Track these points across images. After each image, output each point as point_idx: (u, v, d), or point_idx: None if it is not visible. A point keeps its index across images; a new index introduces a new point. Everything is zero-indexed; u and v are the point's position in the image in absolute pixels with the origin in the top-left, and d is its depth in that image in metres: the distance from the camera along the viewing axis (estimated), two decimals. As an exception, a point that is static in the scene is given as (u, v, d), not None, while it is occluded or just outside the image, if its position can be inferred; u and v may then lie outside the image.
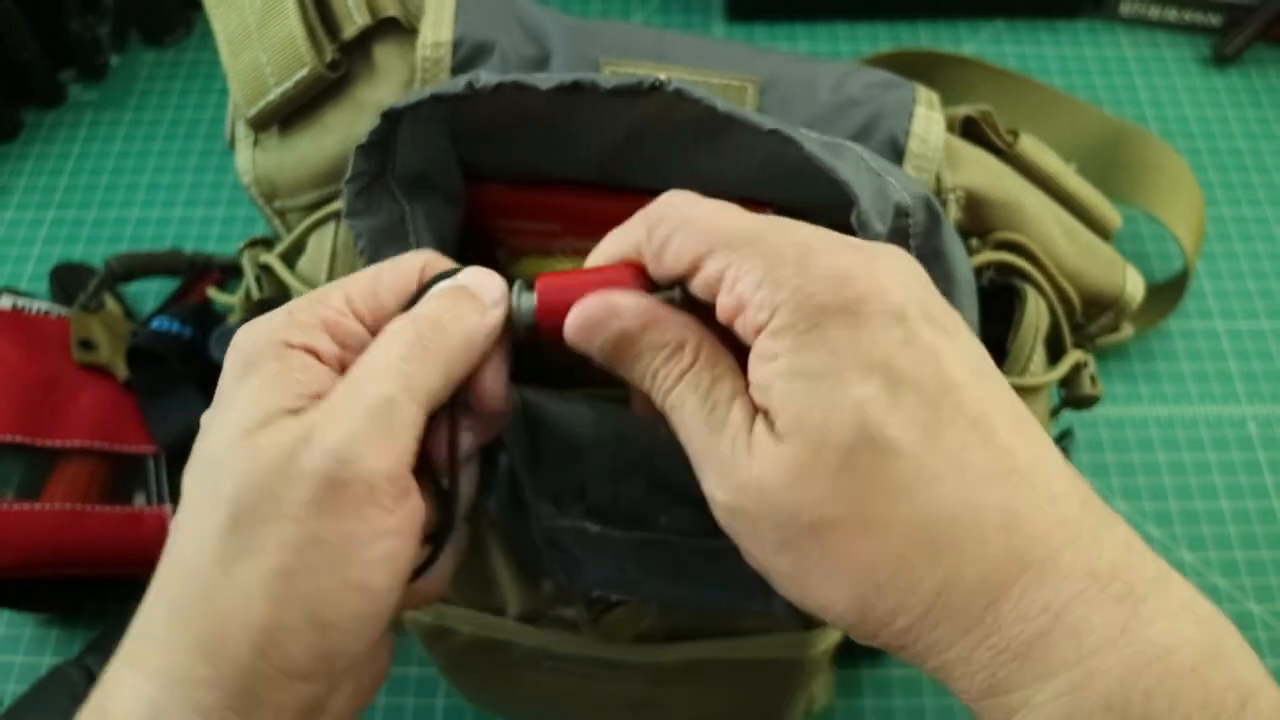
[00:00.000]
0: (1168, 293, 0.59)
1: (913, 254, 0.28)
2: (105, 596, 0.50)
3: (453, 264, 0.27)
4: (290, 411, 0.23)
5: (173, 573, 0.23)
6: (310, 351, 0.24)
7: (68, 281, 0.58)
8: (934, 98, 0.35)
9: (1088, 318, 0.38)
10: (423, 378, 0.24)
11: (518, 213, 0.34)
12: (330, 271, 0.35)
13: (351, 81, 0.35)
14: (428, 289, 0.26)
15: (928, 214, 0.28)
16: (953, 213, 0.35)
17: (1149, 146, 0.58)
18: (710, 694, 0.38)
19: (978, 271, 0.35)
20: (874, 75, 0.35)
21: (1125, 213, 0.63)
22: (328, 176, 0.35)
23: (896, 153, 0.34)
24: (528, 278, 0.27)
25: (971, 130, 0.37)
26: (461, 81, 0.28)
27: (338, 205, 0.34)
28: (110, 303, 0.55)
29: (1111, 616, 0.20)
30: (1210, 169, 0.66)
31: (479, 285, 0.26)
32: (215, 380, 0.25)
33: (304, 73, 0.34)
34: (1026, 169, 0.37)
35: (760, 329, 0.22)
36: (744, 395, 0.23)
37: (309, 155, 0.35)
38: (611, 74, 0.33)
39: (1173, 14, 0.71)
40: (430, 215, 0.31)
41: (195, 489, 0.24)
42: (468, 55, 0.34)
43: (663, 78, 0.27)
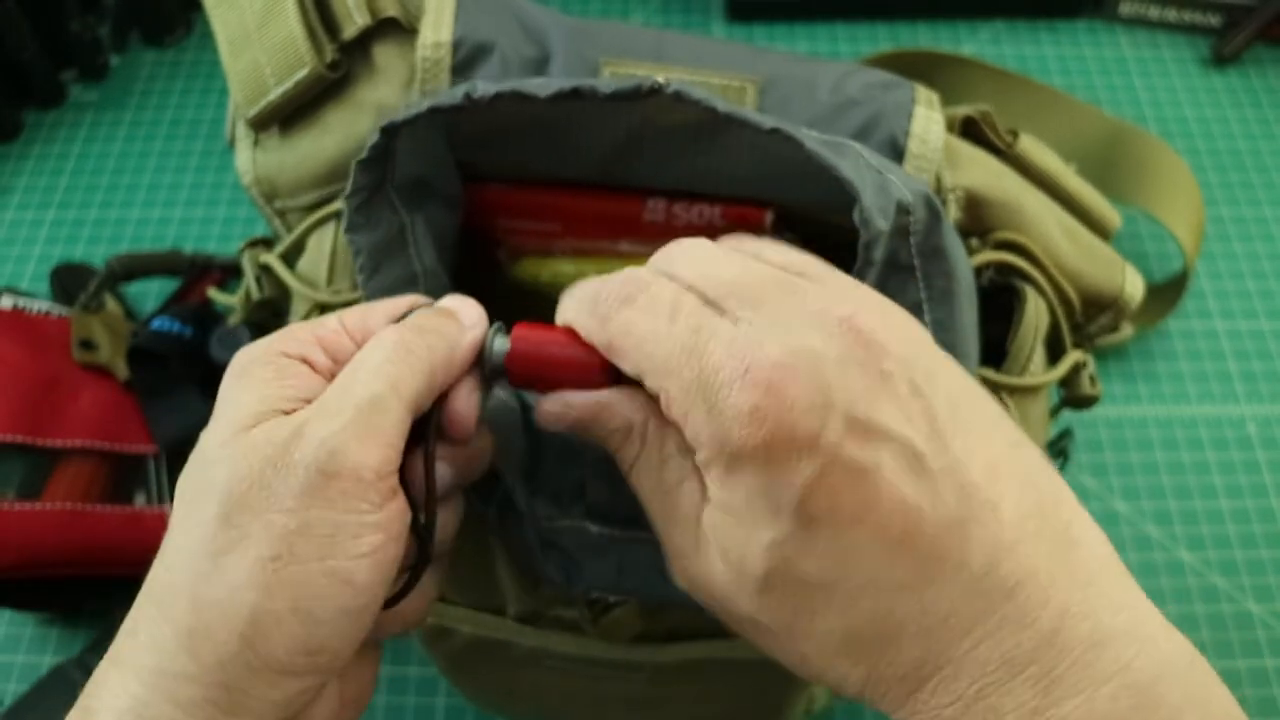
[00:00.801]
0: (1167, 293, 0.59)
1: (914, 252, 0.28)
2: (106, 596, 0.50)
3: (425, 302, 0.28)
4: (283, 412, 0.24)
5: (160, 569, 0.24)
6: (304, 361, 0.25)
7: (68, 282, 0.58)
8: (934, 98, 0.35)
9: (1087, 318, 0.38)
10: (407, 378, 0.25)
11: (518, 213, 0.35)
12: (330, 271, 0.35)
13: (352, 82, 0.35)
14: (417, 307, 0.27)
15: (928, 212, 0.28)
16: (952, 213, 0.35)
17: (1148, 147, 0.58)
18: (710, 694, 0.38)
19: (977, 271, 0.35)
20: (873, 75, 0.35)
21: (1125, 213, 0.63)
22: (328, 176, 0.35)
23: (896, 153, 0.34)
24: (504, 325, 0.27)
25: (971, 130, 0.37)
26: (459, 92, 0.28)
27: (338, 205, 0.34)
28: (111, 303, 0.55)
29: (1022, 700, 0.21)
30: (1209, 169, 0.66)
31: (459, 308, 0.27)
32: (215, 380, 0.26)
33: (304, 73, 0.34)
34: (1026, 169, 0.37)
35: (705, 465, 0.23)
36: (693, 477, 0.24)
37: (309, 155, 0.35)
38: (611, 75, 0.33)
39: (1172, 14, 0.71)
40: (430, 222, 0.31)
41: (188, 487, 0.24)
42: (468, 56, 0.34)
43: (661, 80, 0.27)
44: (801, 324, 0.23)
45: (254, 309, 0.38)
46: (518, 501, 0.30)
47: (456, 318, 0.27)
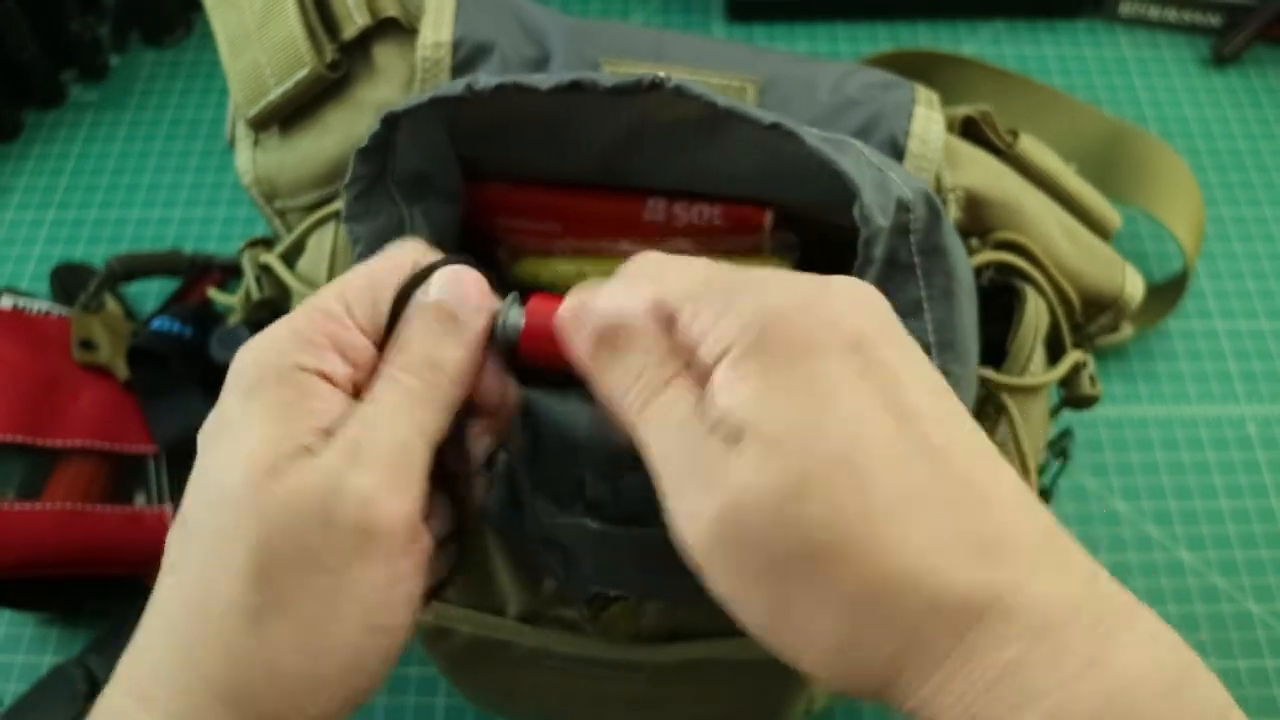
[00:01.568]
0: (1167, 293, 0.59)
1: (914, 250, 0.28)
2: (106, 596, 0.50)
3: (438, 255, 0.26)
4: (307, 449, 0.23)
5: (182, 611, 0.23)
6: (322, 375, 0.24)
7: (68, 282, 0.58)
8: (933, 98, 0.35)
9: (1087, 318, 0.38)
10: (430, 420, 0.24)
11: (518, 212, 0.35)
12: (330, 271, 0.35)
13: (352, 82, 0.35)
14: (411, 291, 0.25)
15: (928, 210, 0.28)
16: (952, 213, 0.35)
17: (1148, 147, 0.59)
18: (710, 694, 0.38)
19: (977, 271, 0.35)
20: (873, 75, 0.35)
21: (1125, 213, 0.63)
22: (328, 176, 0.35)
23: (896, 153, 0.34)
24: (523, 289, 0.27)
25: (971, 130, 0.37)
26: (461, 84, 0.28)
27: (338, 205, 0.34)
28: (111, 303, 0.55)
29: (1084, 646, 0.20)
30: (1210, 169, 0.66)
31: (456, 300, 0.25)
32: (216, 380, 0.25)
33: (304, 73, 0.34)
34: (1026, 169, 0.37)
35: (720, 358, 0.22)
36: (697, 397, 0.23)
37: (309, 155, 0.35)
38: (611, 74, 0.33)
39: (1172, 14, 0.71)
40: (429, 216, 0.31)
41: (209, 526, 0.23)
42: (468, 56, 0.34)
43: (662, 75, 0.27)
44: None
45: (254, 309, 0.38)
46: (520, 494, 0.29)
47: (458, 319, 0.25)
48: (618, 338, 0.24)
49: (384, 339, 0.25)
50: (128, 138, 0.68)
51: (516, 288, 0.35)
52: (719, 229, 0.33)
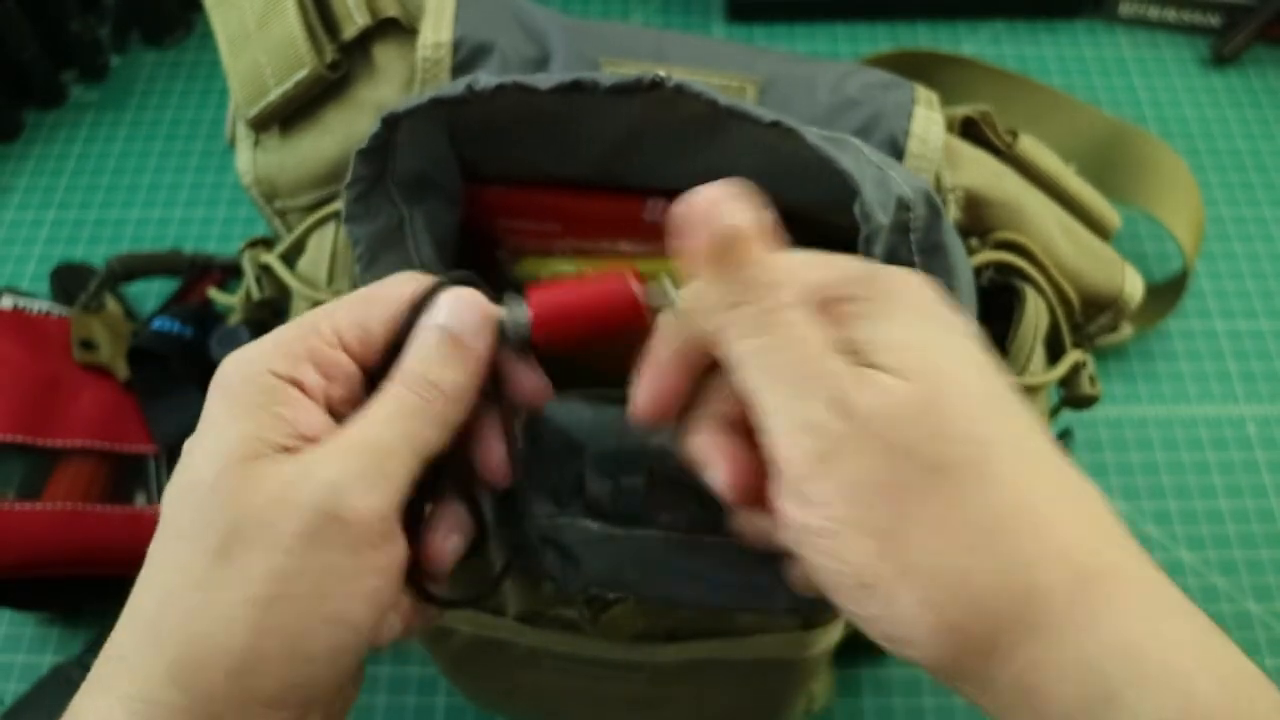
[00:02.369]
0: (1167, 293, 0.59)
1: (914, 248, 0.28)
2: (106, 596, 0.49)
3: (436, 279, 0.26)
4: (286, 448, 0.24)
5: (150, 596, 0.23)
6: (295, 383, 0.24)
7: (69, 282, 0.58)
8: (933, 98, 0.35)
9: (1087, 318, 0.38)
10: (420, 432, 0.25)
11: (518, 213, 0.34)
12: (330, 271, 0.35)
13: (352, 82, 0.35)
14: (416, 317, 0.26)
15: (928, 208, 0.28)
16: (952, 213, 0.35)
17: (1148, 147, 0.59)
18: (710, 693, 0.38)
19: (977, 271, 0.35)
20: (873, 75, 0.35)
21: (1124, 213, 0.63)
22: (328, 177, 0.35)
23: (896, 153, 0.34)
24: (522, 284, 0.27)
25: (971, 130, 0.37)
26: (461, 84, 0.28)
27: (338, 205, 0.34)
28: (111, 303, 0.55)
29: (1191, 632, 0.20)
30: (1209, 169, 0.66)
31: (461, 325, 0.25)
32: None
33: (304, 73, 0.34)
34: (1026, 169, 0.37)
35: (848, 300, 0.23)
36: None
37: (309, 155, 0.35)
38: (611, 74, 0.33)
39: (1172, 14, 0.71)
40: (429, 217, 0.31)
41: (181, 512, 0.23)
42: (468, 56, 0.34)
43: (662, 74, 0.27)
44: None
45: (254, 309, 0.38)
46: (518, 497, 0.29)
47: (463, 342, 0.25)
48: (744, 250, 0.23)
49: (386, 361, 0.25)
50: (128, 138, 0.68)
51: (517, 288, 0.35)
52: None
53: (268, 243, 0.38)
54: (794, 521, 0.22)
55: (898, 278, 0.23)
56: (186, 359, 0.51)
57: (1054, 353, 0.37)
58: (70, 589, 0.49)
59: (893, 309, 0.22)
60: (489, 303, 0.26)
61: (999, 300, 0.35)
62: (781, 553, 0.25)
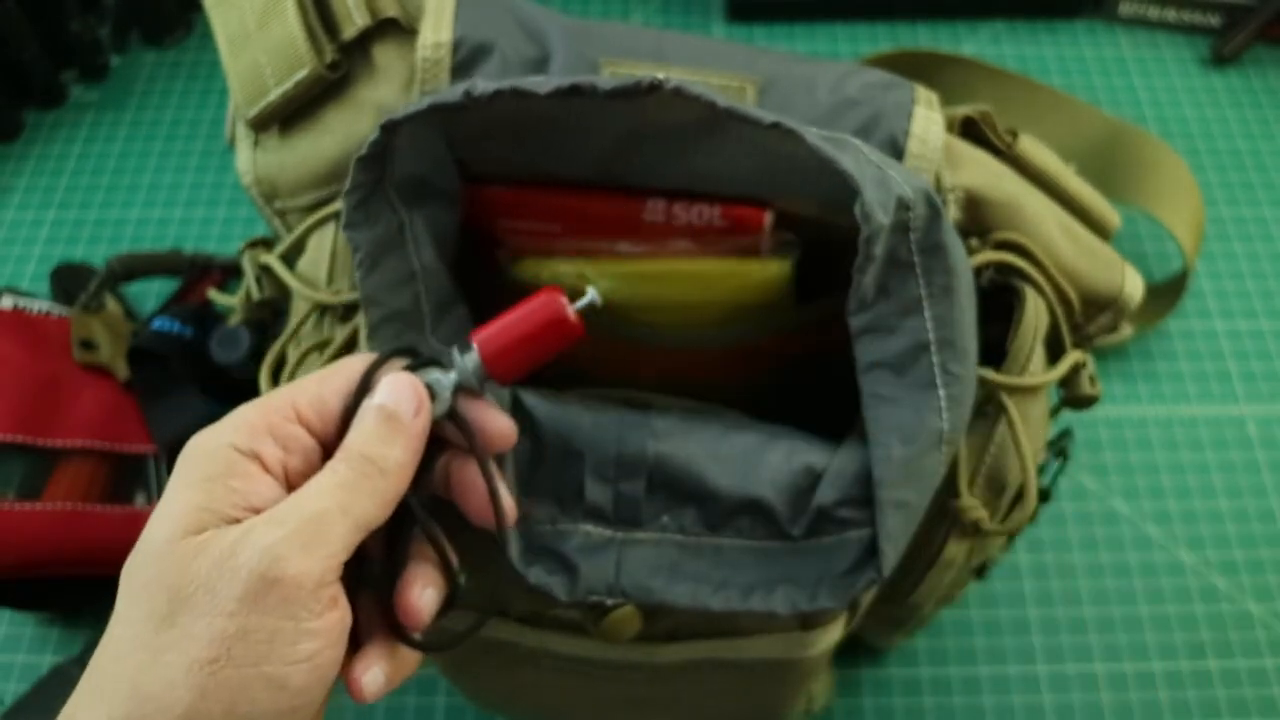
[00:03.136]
0: (1167, 293, 0.59)
1: (914, 248, 0.28)
2: (106, 596, 0.49)
3: (375, 358, 0.28)
4: (233, 520, 0.25)
5: (105, 655, 0.24)
6: (254, 457, 0.26)
7: (69, 282, 0.58)
8: (933, 98, 0.35)
9: (1087, 318, 0.38)
10: (358, 503, 0.26)
11: (518, 213, 0.34)
12: (330, 272, 0.35)
13: (351, 82, 0.35)
14: (361, 395, 0.27)
15: (928, 208, 0.28)
16: (952, 213, 0.35)
17: (1148, 147, 0.59)
18: (709, 694, 0.38)
19: (977, 271, 0.35)
20: (873, 75, 0.35)
21: (1124, 213, 0.63)
22: (328, 177, 0.35)
23: (896, 153, 0.34)
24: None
25: (971, 130, 0.37)
26: (460, 90, 0.28)
27: (338, 205, 0.34)
28: (111, 303, 0.55)
29: None
30: (1209, 169, 0.66)
31: (398, 404, 0.27)
32: (215, 380, 0.26)
33: (304, 73, 0.34)
34: (1026, 169, 0.37)
35: None
36: None
37: (309, 156, 0.35)
38: (611, 75, 0.33)
39: (1172, 14, 0.71)
40: (429, 221, 0.31)
41: (135, 577, 0.25)
42: (467, 56, 0.34)
43: (661, 76, 0.27)
44: None
45: (254, 309, 0.38)
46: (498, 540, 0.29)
47: (400, 420, 0.27)
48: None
49: (339, 435, 0.27)
50: (128, 138, 0.68)
51: (516, 288, 0.35)
52: (719, 229, 0.33)
53: (268, 243, 0.38)
54: None
55: None
56: (186, 359, 0.51)
57: (1054, 353, 0.37)
58: (70, 589, 0.49)
59: None
60: (424, 388, 0.28)
61: (999, 300, 0.35)
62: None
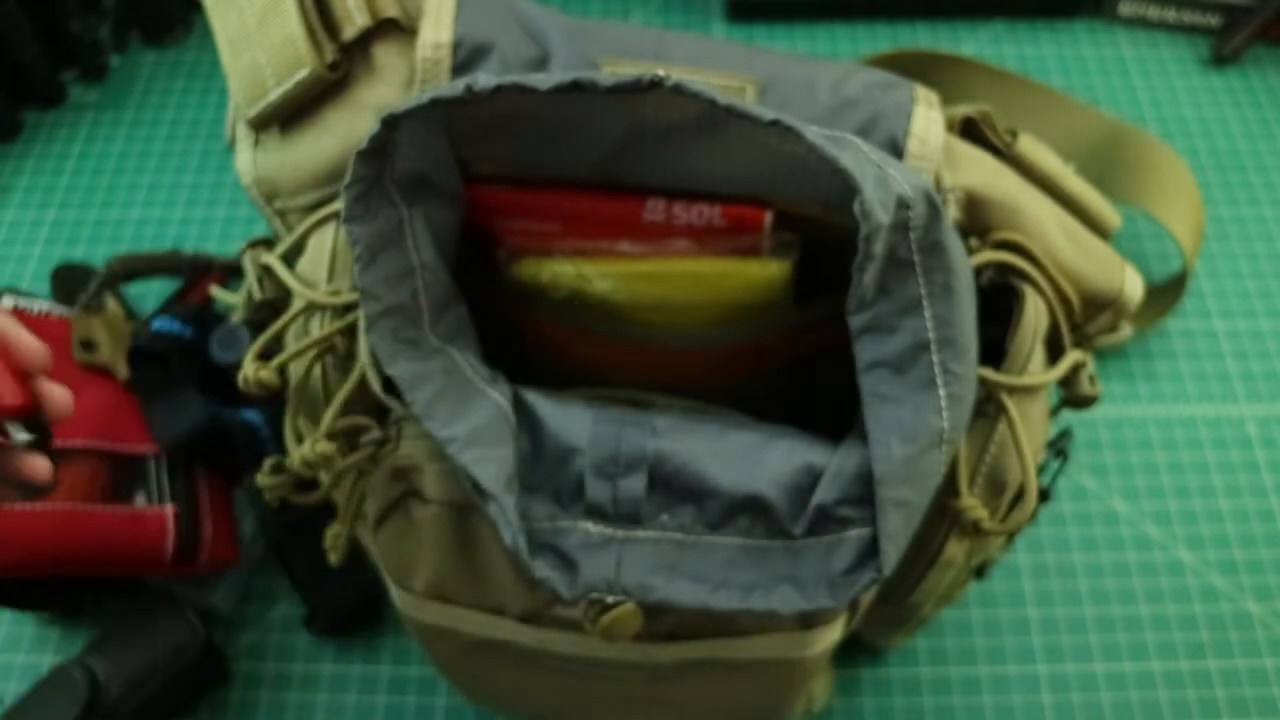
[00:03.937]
0: (1166, 293, 0.59)
1: (913, 247, 0.28)
2: (106, 596, 0.50)
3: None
4: None
5: None
6: None
7: (69, 282, 0.58)
8: (933, 98, 0.35)
9: (1086, 318, 0.38)
10: None
11: (518, 213, 0.34)
12: (330, 272, 0.35)
13: (352, 82, 0.35)
14: None
15: (928, 207, 0.28)
16: (952, 212, 0.35)
17: (1148, 147, 0.59)
18: (709, 693, 0.38)
19: (977, 271, 0.35)
20: (873, 75, 0.35)
21: (1124, 213, 0.64)
22: (328, 177, 0.35)
23: (896, 152, 0.34)
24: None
25: (971, 130, 0.37)
26: (460, 85, 0.28)
27: (338, 205, 0.34)
28: (111, 303, 0.55)
29: None
30: (1209, 169, 0.66)
31: None
32: (216, 380, 0.25)
33: (304, 73, 0.34)
34: (1026, 169, 0.37)
35: None
36: None
37: (309, 156, 0.35)
38: (611, 74, 0.33)
39: (1171, 14, 0.71)
40: (429, 218, 0.31)
41: None
42: (467, 56, 0.34)
43: (661, 73, 0.27)
44: None
45: (255, 309, 0.38)
46: (504, 514, 0.29)
47: None
48: None
49: None
50: (128, 138, 0.68)
51: (516, 288, 0.35)
52: (718, 229, 0.33)
53: (269, 243, 0.38)
54: None
55: None
56: (187, 359, 0.51)
57: (1053, 353, 0.37)
58: (71, 589, 0.49)
59: None
60: None
61: (999, 300, 0.35)
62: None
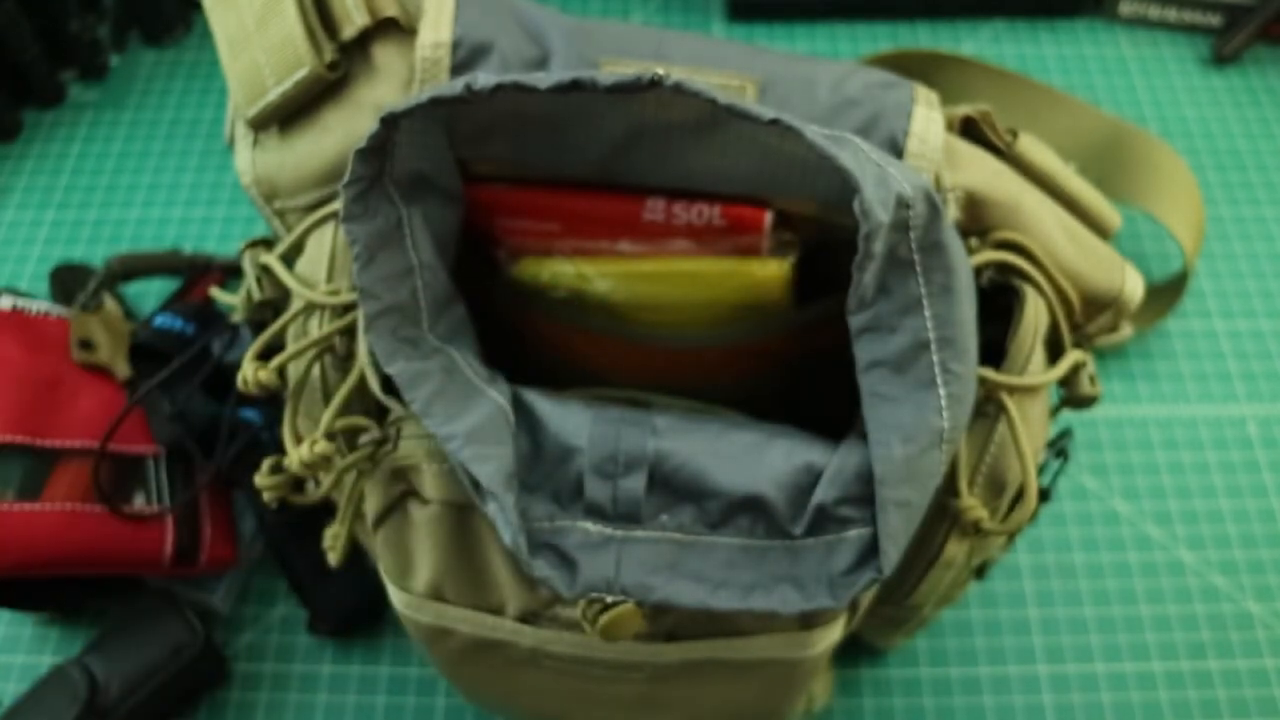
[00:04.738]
0: (1167, 293, 0.59)
1: (913, 246, 0.28)
2: (105, 597, 0.49)
3: None
4: None
5: None
6: None
7: (68, 282, 0.58)
8: (933, 97, 0.35)
9: (1087, 317, 0.38)
10: None
11: (517, 212, 0.34)
12: (329, 272, 0.35)
13: (351, 82, 0.35)
14: None
15: (928, 206, 0.28)
16: (951, 212, 0.35)
17: (1148, 146, 0.58)
18: (709, 694, 0.38)
19: (977, 271, 0.35)
20: (873, 75, 0.35)
21: (1125, 212, 0.64)
22: (327, 177, 0.35)
23: (896, 152, 0.34)
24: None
25: (971, 130, 0.37)
26: (460, 84, 0.28)
27: (337, 205, 0.34)
28: (110, 303, 0.55)
29: None
30: (1210, 169, 0.66)
31: None
32: (217, 380, 0.25)
33: (303, 73, 0.34)
34: (1026, 169, 0.37)
35: None
36: None
37: (309, 155, 0.35)
38: (611, 73, 0.33)
39: (1172, 14, 0.71)
40: (428, 217, 0.31)
41: None
42: (467, 56, 0.34)
43: (661, 72, 0.27)
44: None
45: (255, 309, 0.38)
46: (504, 513, 0.29)
47: None
48: None
49: None
50: (127, 137, 0.68)
51: (516, 288, 0.35)
52: (719, 229, 0.33)
53: (268, 243, 0.38)
54: None
55: None
56: (187, 356, 0.50)
57: (1054, 353, 0.37)
58: (70, 589, 0.49)
59: None
60: None
61: (998, 300, 0.35)
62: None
